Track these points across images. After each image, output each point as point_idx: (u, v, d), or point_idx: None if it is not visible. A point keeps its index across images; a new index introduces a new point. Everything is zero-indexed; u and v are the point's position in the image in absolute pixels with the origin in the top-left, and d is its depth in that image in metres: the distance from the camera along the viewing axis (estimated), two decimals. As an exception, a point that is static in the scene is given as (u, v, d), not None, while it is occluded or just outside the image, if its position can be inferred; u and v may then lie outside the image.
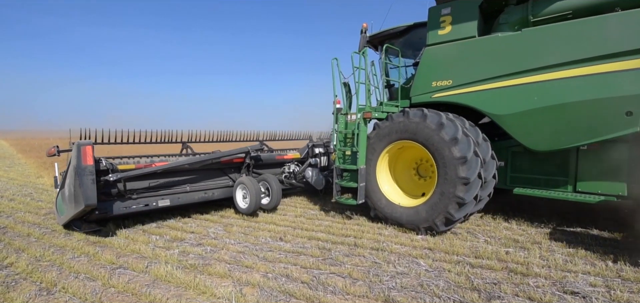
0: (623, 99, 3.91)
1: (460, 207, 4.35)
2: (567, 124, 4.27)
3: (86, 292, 3.03)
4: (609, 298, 2.95)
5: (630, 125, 3.91)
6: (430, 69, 5.24)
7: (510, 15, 4.89)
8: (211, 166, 5.74)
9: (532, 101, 4.41)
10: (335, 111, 5.58)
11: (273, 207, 5.72)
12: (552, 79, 4.28)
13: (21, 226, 4.93)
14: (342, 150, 5.37)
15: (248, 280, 3.27)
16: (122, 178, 4.63)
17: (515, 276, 3.38)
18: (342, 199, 5.36)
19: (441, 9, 5.10)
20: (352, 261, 3.74)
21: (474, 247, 4.12)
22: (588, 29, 4.14)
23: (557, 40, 4.29)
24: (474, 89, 4.83)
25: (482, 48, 4.82)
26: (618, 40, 3.94)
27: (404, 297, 2.95)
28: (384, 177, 5.23)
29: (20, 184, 8.45)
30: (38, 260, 3.75)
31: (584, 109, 4.13)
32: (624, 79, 3.89)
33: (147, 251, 3.96)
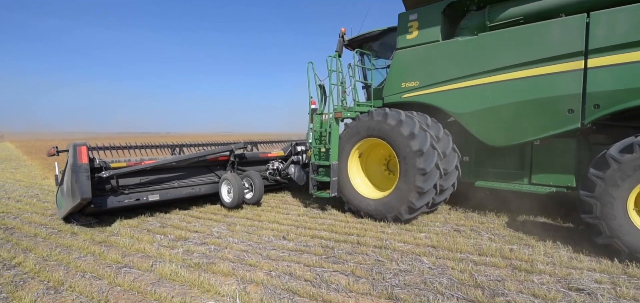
0: (565, 98, 4.24)
1: (420, 196, 4.73)
2: (517, 122, 4.61)
3: (93, 291, 3.07)
4: (615, 295, 2.93)
5: (572, 122, 4.25)
6: (400, 71, 5.61)
7: (470, 20, 5.19)
8: (198, 163, 6.19)
9: (487, 100, 4.76)
10: (310, 111, 6.04)
11: (256, 201, 6.13)
12: (504, 79, 4.62)
13: (28, 226, 5.00)
14: (317, 147, 5.82)
15: (252, 278, 3.29)
16: (115, 175, 5.10)
17: (519, 273, 3.36)
18: (318, 193, 5.70)
19: (409, 15, 5.49)
20: (355, 259, 3.75)
21: (478, 244, 4.11)
22: (534, 33, 4.45)
23: (507, 44, 4.62)
24: (438, 90, 5.20)
25: (444, 51, 5.17)
26: (560, 44, 4.25)
27: (407, 295, 2.95)
28: (355, 172, 5.63)
29: (26, 185, 8.56)
30: (45, 259, 3.80)
31: (532, 107, 4.47)
32: (566, 80, 4.22)
33: (152, 251, 4.00)
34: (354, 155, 5.58)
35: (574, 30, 4.17)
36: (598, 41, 4.04)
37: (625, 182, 3.53)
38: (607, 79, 4.01)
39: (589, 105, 4.15)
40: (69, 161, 4.72)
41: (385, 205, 5.03)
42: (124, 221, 5.21)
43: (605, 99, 4.05)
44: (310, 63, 5.93)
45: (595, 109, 4.12)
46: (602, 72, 4.03)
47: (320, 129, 5.81)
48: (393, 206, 4.94)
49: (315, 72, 5.95)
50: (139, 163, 5.40)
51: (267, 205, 6.36)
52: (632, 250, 3.49)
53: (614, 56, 3.96)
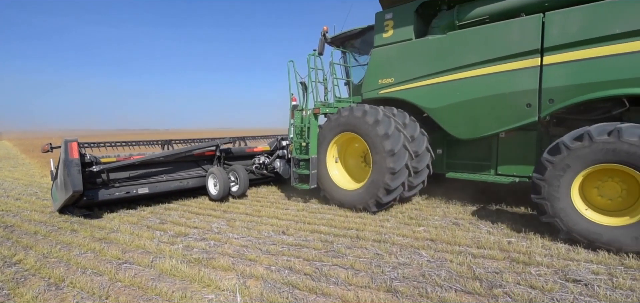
0: (523, 93, 4.51)
1: (387, 192, 5.06)
2: (482, 116, 4.89)
3: (94, 287, 3.08)
4: (611, 286, 2.96)
5: (530, 115, 4.52)
6: (377, 68, 5.86)
7: (441, 19, 5.44)
8: (186, 158, 6.49)
9: (455, 96, 5.05)
10: (291, 108, 6.31)
11: (241, 193, 6.47)
12: (470, 76, 4.89)
13: (28, 224, 5.01)
14: (298, 142, 6.05)
15: (252, 272, 3.31)
16: (105, 169, 5.44)
17: (517, 265, 3.39)
18: (299, 185, 5.96)
19: (385, 14, 5.73)
20: (354, 253, 3.77)
21: (476, 237, 4.14)
22: (495, 32, 4.71)
23: (472, 42, 4.88)
24: (411, 86, 5.48)
25: (416, 49, 5.43)
26: (518, 42, 4.51)
27: (405, 287, 2.98)
28: (333, 164, 5.93)
29: (25, 184, 8.55)
30: (46, 256, 3.81)
31: (494, 102, 4.74)
32: (524, 76, 4.49)
33: (152, 247, 4.01)
34: (332, 148, 5.87)
35: (531, 29, 4.42)
36: (552, 39, 4.28)
37: (572, 167, 3.82)
38: (560, 75, 4.27)
39: (544, 100, 4.41)
40: (61, 157, 5.03)
41: (358, 197, 5.37)
42: (124, 218, 5.23)
43: (558, 94, 4.31)
44: (291, 61, 6.20)
45: (550, 103, 4.38)
46: (555, 69, 4.29)
47: (301, 125, 6.02)
48: (363, 198, 5.29)
49: (296, 70, 6.24)
50: (128, 158, 5.68)
51: (266, 201, 6.38)
52: (570, 229, 3.85)
53: (566, 54, 4.21)
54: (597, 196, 3.93)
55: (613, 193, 3.85)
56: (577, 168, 3.80)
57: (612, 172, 3.80)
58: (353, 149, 6.05)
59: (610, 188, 3.86)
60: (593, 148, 3.70)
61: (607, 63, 3.99)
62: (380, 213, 5.33)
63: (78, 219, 5.21)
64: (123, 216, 5.32)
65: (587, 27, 4.08)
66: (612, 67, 3.97)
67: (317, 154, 5.84)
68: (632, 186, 3.74)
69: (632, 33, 3.83)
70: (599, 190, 3.92)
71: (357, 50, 6.82)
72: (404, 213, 5.30)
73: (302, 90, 6.34)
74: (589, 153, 3.72)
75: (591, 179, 3.93)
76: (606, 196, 3.89)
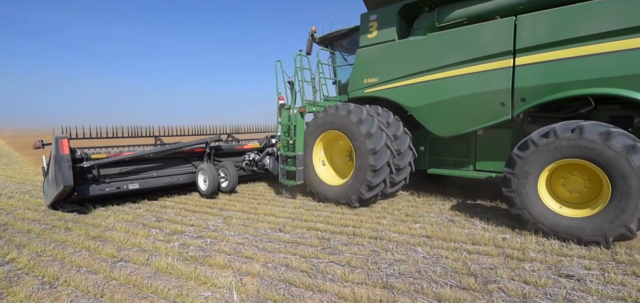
0: (498, 92, 4.72)
1: (369, 189, 5.26)
2: (460, 114, 5.10)
3: (88, 285, 3.06)
4: (603, 281, 3.00)
5: (504, 114, 4.73)
6: (362, 68, 6.06)
7: (422, 21, 5.60)
8: (176, 155, 6.63)
9: (435, 95, 5.25)
10: (279, 106, 6.46)
11: (231, 189, 6.59)
12: (449, 76, 5.10)
13: (21, 222, 4.95)
14: (286, 140, 6.19)
15: (248, 270, 3.31)
16: (95, 165, 5.52)
17: (511, 261, 3.43)
18: (287, 181, 6.15)
19: (369, 16, 5.91)
20: (350, 250, 3.78)
21: (472, 234, 4.17)
22: (472, 34, 4.91)
23: (451, 44, 5.08)
24: (394, 86, 5.68)
25: (398, 50, 5.61)
26: (493, 44, 4.71)
27: (401, 283, 3.00)
28: (320, 160, 6.11)
29: (18, 182, 8.45)
30: (39, 255, 3.77)
31: (471, 101, 4.95)
32: (498, 76, 4.70)
33: (148, 245, 3.99)
34: (319, 145, 6.04)
35: (504, 31, 4.64)
36: (523, 41, 4.50)
37: (539, 162, 4.05)
38: (531, 75, 4.48)
39: (517, 99, 4.62)
40: (52, 153, 5.16)
41: (340, 192, 5.59)
42: (119, 216, 5.19)
43: (529, 93, 4.52)
44: (278, 61, 6.34)
45: (522, 102, 4.59)
46: (527, 69, 4.50)
47: (288, 123, 6.16)
48: (346, 193, 5.49)
49: (283, 70, 6.37)
50: (118, 154, 5.82)
51: (263, 198, 6.37)
52: (536, 220, 4.07)
53: (536, 55, 4.43)
54: (563, 190, 4.18)
55: (577, 186, 4.10)
56: (543, 163, 4.02)
57: (576, 167, 4.03)
58: (339, 147, 6.22)
59: (574, 182, 4.11)
60: (558, 144, 3.91)
61: (573, 64, 4.20)
62: (376, 210, 5.36)
63: (72, 217, 5.17)
64: (118, 215, 5.28)
65: (555, 30, 4.29)
66: (577, 68, 4.18)
67: (303, 152, 6.03)
68: (594, 181, 3.97)
69: (596, 36, 4.05)
70: (565, 184, 4.17)
71: (345, 49, 6.98)
72: (401, 210, 5.32)
73: (290, 89, 6.46)
74: (554, 149, 3.94)
75: (558, 174, 4.17)
76: (571, 189, 4.14)
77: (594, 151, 3.71)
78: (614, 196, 3.65)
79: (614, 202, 3.64)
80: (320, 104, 6.49)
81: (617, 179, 3.61)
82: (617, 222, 3.61)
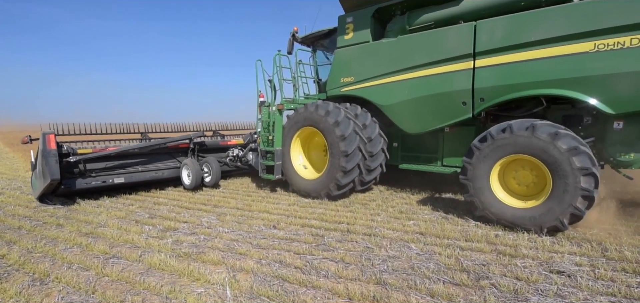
0: (460, 92, 5.00)
1: (344, 174, 5.53)
2: (426, 112, 5.40)
3: (80, 281, 3.03)
4: (594, 277, 3.05)
5: (465, 112, 5.03)
6: (339, 67, 6.30)
7: (394, 24, 5.84)
8: (161, 150, 6.90)
9: (404, 94, 5.52)
10: (259, 104, 6.75)
11: (214, 183, 6.85)
12: (417, 76, 5.37)
13: (12, 219, 4.89)
14: (265, 136, 6.50)
15: (242, 266, 3.30)
16: (82, 160, 5.78)
17: (503, 257, 3.46)
18: (266, 175, 6.42)
19: (346, 18, 6.14)
20: (344, 246, 3.79)
21: (465, 231, 4.20)
22: (437, 37, 5.19)
23: (419, 46, 5.36)
24: (368, 85, 5.93)
25: (372, 51, 5.86)
26: (456, 47, 4.99)
27: (395, 279, 3.01)
28: (297, 156, 6.37)
29: (9, 178, 8.34)
30: (30, 251, 3.73)
31: (436, 100, 5.23)
32: (460, 77, 4.97)
33: (141, 241, 3.96)
34: (296, 141, 6.31)
35: (465, 36, 4.91)
36: (482, 45, 4.78)
37: (494, 155, 4.37)
38: (488, 77, 4.77)
39: (476, 99, 4.90)
40: (39, 148, 5.39)
41: (318, 184, 5.85)
42: (112, 213, 5.15)
43: (487, 93, 4.81)
44: (258, 61, 6.66)
45: (481, 101, 4.88)
46: (485, 71, 4.79)
47: (268, 120, 6.48)
48: (324, 184, 5.76)
49: (263, 69, 6.72)
50: (103, 150, 6.08)
51: (257, 195, 6.36)
52: (485, 208, 4.42)
53: (493, 58, 4.72)
54: (514, 182, 4.52)
55: (525, 180, 4.43)
56: (498, 156, 4.35)
57: (526, 162, 4.32)
58: (315, 143, 6.47)
59: (523, 176, 4.43)
60: (513, 139, 4.22)
61: (526, 67, 4.49)
62: (371, 207, 5.37)
63: (64, 213, 5.12)
64: (111, 211, 5.23)
65: (509, 35, 4.58)
66: (529, 71, 4.47)
67: (281, 147, 6.30)
68: (540, 176, 4.28)
69: (545, 41, 4.34)
70: (516, 177, 4.50)
71: (326, 49, 7.20)
72: (395, 207, 5.34)
73: (270, 87, 6.71)
74: (509, 144, 4.26)
75: (511, 167, 4.50)
76: (520, 182, 4.47)
77: (542, 149, 4.01)
78: (553, 192, 3.98)
79: (553, 197, 3.97)
80: (299, 102, 6.76)
81: (558, 177, 3.93)
82: (553, 215, 3.94)
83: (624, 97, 4.03)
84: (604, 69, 4.04)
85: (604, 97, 4.13)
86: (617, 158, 4.45)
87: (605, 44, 3.99)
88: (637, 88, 3.92)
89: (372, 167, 5.82)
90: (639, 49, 3.83)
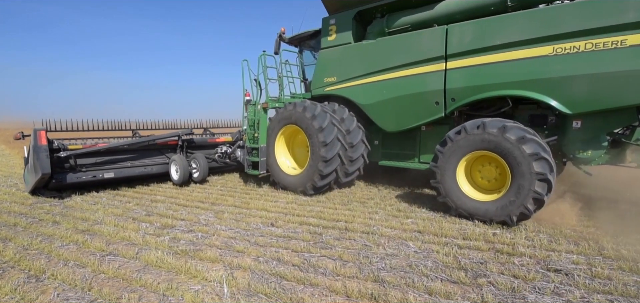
0: (433, 92, 5.25)
1: (321, 178, 5.79)
2: (403, 111, 5.64)
3: (76, 279, 3.01)
4: (591, 275, 3.05)
5: (438, 111, 5.29)
6: (323, 68, 6.53)
7: (374, 26, 6.03)
8: (150, 147, 7.09)
9: (382, 94, 5.76)
10: (245, 102, 7.04)
11: (201, 179, 7.12)
12: (394, 77, 5.60)
13: (7, 216, 4.85)
14: (251, 133, 6.76)
15: (239, 264, 3.29)
16: (72, 155, 5.94)
17: (501, 256, 3.47)
18: (252, 171, 6.71)
19: (329, 20, 6.38)
20: (342, 244, 3.78)
21: (463, 229, 4.20)
22: (413, 40, 5.42)
23: (396, 48, 5.59)
24: (349, 85, 6.17)
25: (353, 52, 6.10)
26: (429, 49, 5.22)
27: (393, 277, 3.01)
28: (281, 152, 6.58)
29: (4, 175, 8.28)
30: (26, 248, 3.70)
31: (412, 100, 5.48)
32: (433, 78, 5.22)
33: (137, 239, 3.94)
34: (280, 138, 6.50)
35: (438, 39, 5.15)
36: (453, 48, 5.02)
37: (455, 155, 4.66)
38: (459, 78, 5.01)
39: (448, 98, 5.16)
40: (31, 144, 5.62)
41: (299, 181, 6.08)
42: (109, 210, 5.12)
43: (458, 93, 5.06)
44: (245, 60, 6.95)
45: (452, 101, 5.14)
46: (456, 72, 5.03)
47: (253, 118, 6.70)
48: (303, 182, 6.00)
49: (249, 69, 7.14)
50: (93, 145, 6.29)
51: (255, 193, 6.34)
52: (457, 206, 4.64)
53: (463, 60, 4.96)
54: (480, 178, 4.77)
55: (490, 175, 4.68)
56: (459, 155, 4.62)
57: (487, 158, 4.60)
58: (299, 140, 6.64)
59: (488, 172, 4.69)
60: (468, 139, 4.52)
61: (492, 69, 4.73)
62: (369, 205, 5.36)
63: (60, 211, 5.08)
64: (108, 209, 5.21)
65: (477, 39, 4.82)
66: (495, 73, 4.71)
67: (266, 144, 6.53)
68: (502, 169, 4.49)
69: (509, 44, 4.58)
70: (481, 173, 4.75)
71: (312, 49, 7.38)
72: (393, 206, 5.34)
73: (256, 86, 6.94)
74: (466, 143, 4.55)
75: (476, 164, 4.75)
76: (484, 177, 4.74)
77: (495, 143, 4.31)
78: (513, 181, 4.23)
79: (513, 186, 4.22)
80: (282, 101, 6.97)
81: (514, 166, 4.20)
82: (517, 203, 4.15)
83: (579, 98, 4.28)
84: (561, 71, 4.28)
85: (561, 98, 4.38)
86: (576, 156, 4.67)
87: (562, 48, 4.25)
88: (591, 89, 4.18)
89: (354, 157, 6.03)
90: (592, 53, 4.09)
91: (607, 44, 4.00)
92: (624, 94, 4.03)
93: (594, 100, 4.20)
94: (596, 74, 4.09)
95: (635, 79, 3.92)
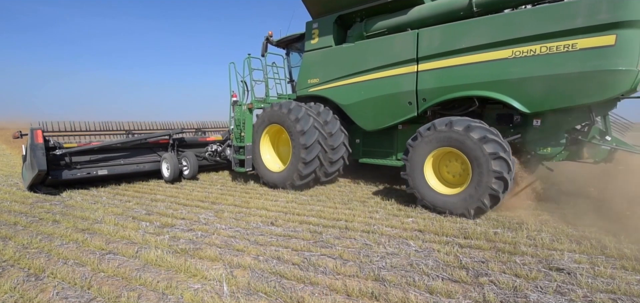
0: (406, 93, 5.54)
1: (305, 165, 6.05)
2: (379, 111, 5.95)
3: (75, 277, 3.00)
4: (593, 274, 3.03)
5: (411, 111, 5.59)
6: (307, 69, 6.81)
7: (354, 30, 6.32)
8: (142, 145, 7.43)
9: (361, 95, 6.05)
10: (232, 103, 7.38)
11: (192, 176, 7.46)
12: (371, 78, 5.89)
13: (7, 215, 4.85)
14: (238, 132, 7.11)
15: (239, 262, 3.28)
16: (67, 153, 6.25)
17: (502, 255, 3.44)
18: (239, 168, 7.03)
19: (313, 24, 6.67)
20: (343, 243, 3.76)
21: (464, 228, 4.18)
22: (387, 43, 5.72)
23: (373, 50, 5.87)
24: (331, 86, 6.45)
25: (334, 55, 6.38)
26: (402, 52, 5.50)
27: (393, 276, 2.99)
28: (266, 151, 6.89)
29: (5, 174, 8.29)
30: (25, 247, 3.69)
31: (387, 100, 5.78)
32: (406, 80, 5.51)
33: (137, 237, 3.93)
34: (265, 137, 6.82)
35: (410, 42, 5.41)
36: (423, 51, 5.29)
37: (424, 150, 4.92)
38: (428, 79, 5.30)
39: (420, 99, 5.45)
40: (28, 142, 5.88)
41: (284, 176, 6.36)
42: (109, 209, 5.11)
43: (428, 94, 5.35)
44: (232, 63, 7.26)
45: (423, 101, 5.43)
46: (426, 74, 5.32)
47: (240, 118, 7.02)
48: (288, 176, 6.28)
49: (236, 71, 7.83)
50: (87, 144, 6.61)
51: (255, 192, 6.33)
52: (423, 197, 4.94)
53: (432, 63, 5.23)
54: (446, 173, 5.07)
55: (455, 170, 4.98)
56: (428, 150, 4.90)
57: (453, 154, 4.85)
58: (283, 139, 6.87)
59: (453, 167, 4.99)
60: (437, 135, 4.79)
61: (458, 71, 5.00)
62: (369, 204, 5.35)
63: (60, 210, 5.08)
64: (107, 207, 5.20)
65: (444, 42, 5.09)
66: (461, 74, 4.98)
67: (252, 143, 6.85)
68: (465, 165, 4.71)
69: (473, 48, 4.83)
70: (448, 168, 5.03)
71: (299, 51, 7.57)
72: (393, 205, 5.32)
73: (243, 87, 7.21)
74: (434, 140, 4.81)
75: (444, 160, 5.03)
76: (450, 172, 5.03)
77: (460, 141, 4.58)
78: (473, 177, 4.51)
79: (473, 182, 4.49)
80: (267, 101, 7.26)
81: (475, 163, 4.47)
82: (475, 197, 4.43)
83: (536, 98, 4.55)
84: (520, 73, 4.54)
85: (521, 98, 4.65)
86: (537, 152, 4.99)
87: (521, 51, 4.51)
88: (546, 90, 4.44)
89: (334, 159, 6.36)
90: (547, 56, 4.35)
91: (560, 47, 4.27)
92: (576, 94, 4.32)
93: (549, 100, 4.49)
94: (550, 75, 4.35)
95: (584, 80, 4.20)
